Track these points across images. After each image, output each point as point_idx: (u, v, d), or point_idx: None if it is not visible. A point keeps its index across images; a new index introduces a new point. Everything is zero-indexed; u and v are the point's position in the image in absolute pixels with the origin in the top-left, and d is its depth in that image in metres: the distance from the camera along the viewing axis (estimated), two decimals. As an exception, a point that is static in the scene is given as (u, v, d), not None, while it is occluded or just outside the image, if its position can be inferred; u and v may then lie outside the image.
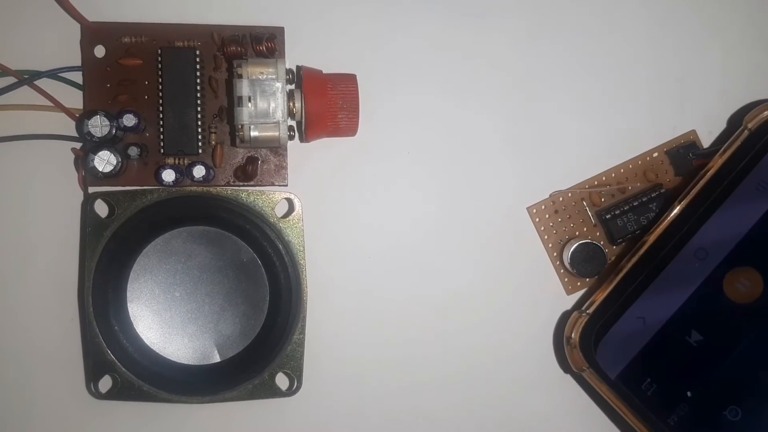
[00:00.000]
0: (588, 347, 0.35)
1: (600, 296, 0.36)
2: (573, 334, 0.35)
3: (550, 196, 0.39)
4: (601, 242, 0.38)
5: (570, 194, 0.39)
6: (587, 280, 0.39)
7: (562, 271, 0.39)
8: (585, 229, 0.39)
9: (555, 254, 0.39)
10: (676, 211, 0.35)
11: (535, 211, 0.39)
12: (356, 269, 0.39)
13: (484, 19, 0.39)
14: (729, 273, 0.34)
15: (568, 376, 0.39)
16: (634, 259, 0.35)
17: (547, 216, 0.39)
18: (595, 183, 0.39)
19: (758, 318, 0.33)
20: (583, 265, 0.38)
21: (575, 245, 0.38)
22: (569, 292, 0.39)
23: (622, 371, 0.34)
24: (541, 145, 0.39)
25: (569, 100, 0.40)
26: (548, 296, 0.39)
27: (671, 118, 0.40)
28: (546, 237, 0.39)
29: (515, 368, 0.39)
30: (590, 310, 0.35)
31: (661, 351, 0.34)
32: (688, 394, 0.34)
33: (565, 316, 0.39)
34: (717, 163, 0.35)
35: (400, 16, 0.39)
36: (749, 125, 0.34)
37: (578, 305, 0.38)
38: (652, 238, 0.35)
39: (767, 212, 0.33)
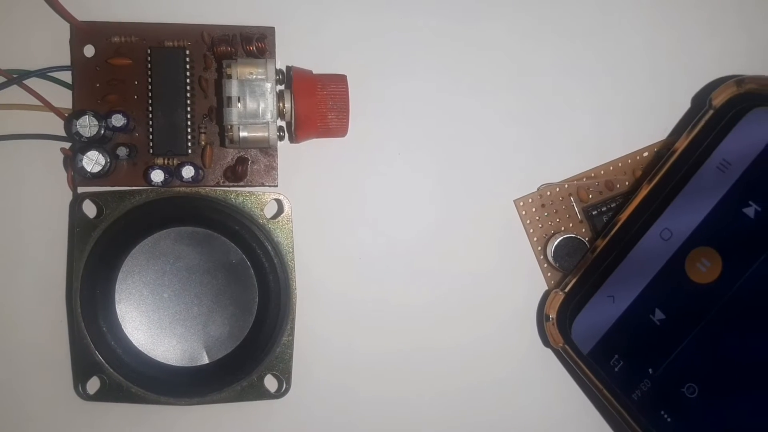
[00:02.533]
0: (564, 324, 0.36)
1: (576, 275, 0.36)
2: (551, 312, 0.36)
3: (538, 189, 0.39)
4: (587, 238, 0.38)
5: (558, 189, 0.39)
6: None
7: (545, 265, 0.39)
8: (571, 224, 0.39)
9: (539, 248, 0.39)
10: (644, 191, 0.35)
11: (522, 204, 0.39)
12: (345, 270, 0.39)
13: (476, 17, 0.39)
14: (690, 253, 0.34)
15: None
16: (606, 239, 0.36)
17: (533, 209, 0.39)
18: (584, 179, 0.39)
19: (716, 298, 0.33)
20: (566, 260, 0.38)
21: (559, 239, 0.38)
22: (551, 287, 0.39)
23: (594, 347, 0.36)
24: (533, 142, 0.39)
25: (563, 97, 0.39)
26: (535, 289, 0.39)
27: (663, 119, 0.40)
28: (531, 231, 0.39)
29: (506, 368, 0.39)
30: (567, 289, 0.36)
31: (628, 329, 0.35)
32: (650, 371, 0.34)
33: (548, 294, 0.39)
34: (683, 143, 0.35)
35: (391, 17, 0.39)
36: (714, 103, 0.34)
37: (558, 283, 0.38)
38: (623, 218, 0.36)
39: (727, 192, 0.33)
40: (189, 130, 0.37)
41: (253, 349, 0.37)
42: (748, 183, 0.33)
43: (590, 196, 0.39)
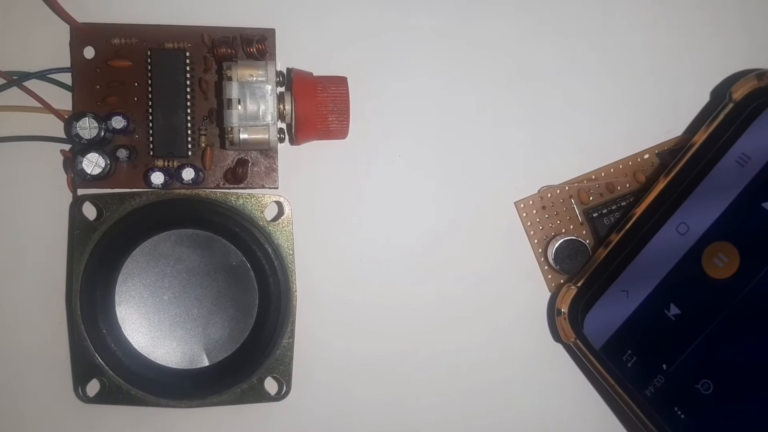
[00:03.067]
0: (576, 319, 0.36)
1: (589, 269, 0.36)
2: (563, 306, 0.36)
3: (539, 191, 0.39)
4: (587, 241, 0.38)
5: (559, 191, 0.39)
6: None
7: (546, 267, 0.39)
8: (572, 226, 0.39)
9: (540, 250, 0.39)
10: (661, 185, 0.35)
11: (522, 206, 0.39)
12: (346, 272, 0.38)
13: (477, 18, 0.39)
14: (708, 248, 0.34)
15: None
16: (621, 233, 0.36)
17: (534, 211, 0.39)
18: (585, 182, 0.39)
19: (733, 294, 0.33)
20: (567, 262, 0.38)
21: (560, 241, 0.38)
22: (552, 290, 0.39)
23: (606, 343, 0.35)
24: (534, 143, 0.39)
25: (564, 98, 0.39)
26: (535, 291, 0.39)
27: (666, 121, 0.39)
28: (532, 233, 0.39)
29: (506, 369, 0.39)
30: (579, 283, 0.36)
31: (642, 324, 0.35)
32: (664, 366, 0.34)
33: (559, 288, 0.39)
34: (701, 136, 0.35)
35: (392, 19, 0.39)
36: (735, 96, 0.34)
37: (570, 278, 0.38)
38: (638, 212, 0.35)
39: (747, 187, 0.33)
40: (189, 132, 0.37)
41: (253, 352, 0.36)
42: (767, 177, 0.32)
43: (591, 198, 0.39)
